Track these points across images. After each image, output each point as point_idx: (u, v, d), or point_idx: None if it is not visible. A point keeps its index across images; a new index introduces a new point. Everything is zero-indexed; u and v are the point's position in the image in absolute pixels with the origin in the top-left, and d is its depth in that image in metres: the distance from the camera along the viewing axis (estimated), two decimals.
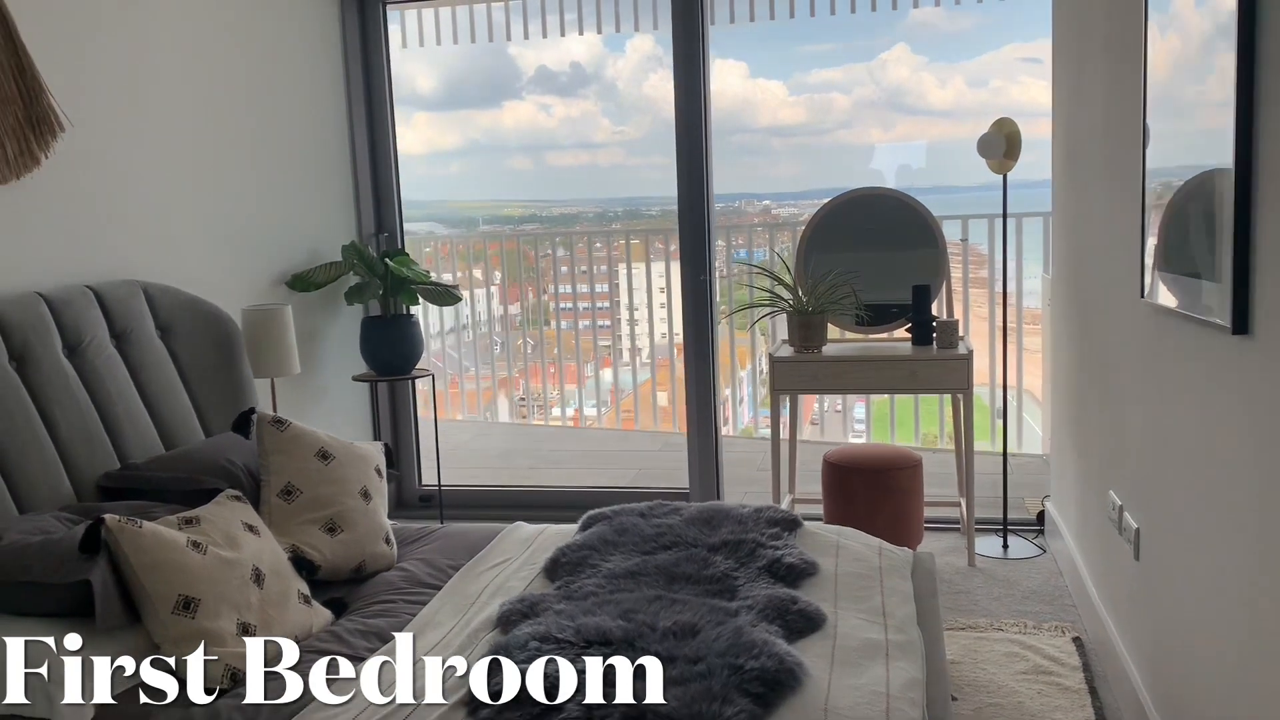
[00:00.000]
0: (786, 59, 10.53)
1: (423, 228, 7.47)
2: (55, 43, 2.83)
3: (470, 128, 8.47)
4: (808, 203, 7.68)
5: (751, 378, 6.44)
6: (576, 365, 6.39)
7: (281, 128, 3.91)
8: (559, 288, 6.40)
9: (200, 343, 3.10)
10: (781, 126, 9.71)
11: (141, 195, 3.18)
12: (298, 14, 4.04)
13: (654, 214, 7.59)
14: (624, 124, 8.68)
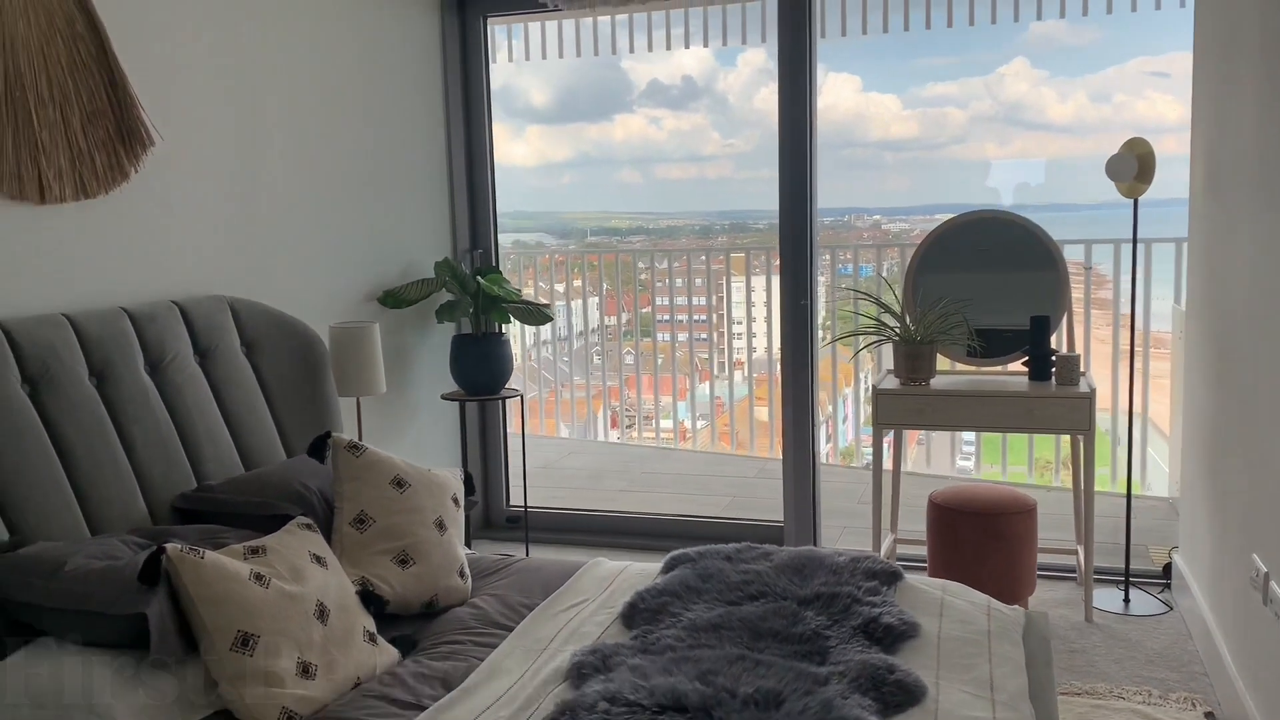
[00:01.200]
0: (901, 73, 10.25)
1: (531, 238, 7.47)
2: (147, 54, 2.82)
3: (581, 140, 8.48)
4: (919, 218, 7.41)
5: (855, 395, 6.19)
6: (673, 377, 6.26)
7: (378, 142, 3.87)
8: (662, 300, 6.29)
9: (285, 360, 3.05)
10: (894, 141, 9.46)
11: (231, 209, 3.15)
12: (397, 27, 4.00)
13: (760, 228, 7.45)
14: (733, 137, 8.56)
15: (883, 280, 4.53)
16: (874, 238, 7.39)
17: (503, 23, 4.77)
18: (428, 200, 4.22)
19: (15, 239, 2.45)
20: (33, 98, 2.45)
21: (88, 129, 2.59)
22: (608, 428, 6.67)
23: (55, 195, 2.52)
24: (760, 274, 6.06)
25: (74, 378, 2.42)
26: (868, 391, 6.26)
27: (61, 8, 2.53)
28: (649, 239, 7.93)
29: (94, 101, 2.61)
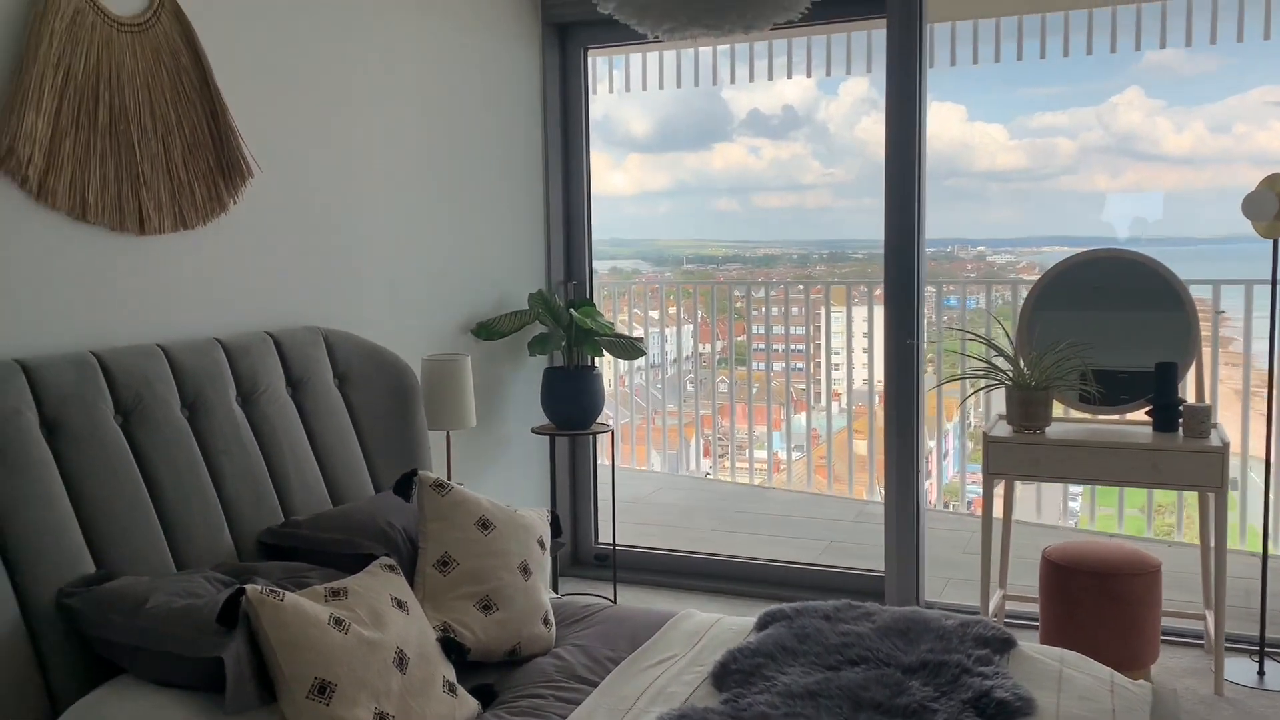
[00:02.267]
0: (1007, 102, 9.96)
1: (628, 265, 7.45)
2: (249, 87, 2.83)
3: (680, 169, 8.47)
4: (1025, 249, 7.14)
5: (959, 428, 5.95)
6: (767, 407, 6.11)
7: (476, 173, 3.85)
8: (758, 328, 6.17)
9: (377, 392, 3.02)
10: (1000, 171, 9.20)
11: (327, 240, 3.14)
12: (498, 59, 3.99)
13: (859, 257, 7.29)
14: (834, 166, 8.43)
15: (993, 318, 4.32)
16: (978, 269, 7.16)
17: (604, 54, 4.74)
18: (524, 231, 4.18)
19: (114, 269, 2.47)
20: (136, 130, 2.46)
21: (188, 161, 2.61)
22: (700, 456, 6.55)
23: (155, 226, 2.53)
24: (860, 304, 5.89)
25: (166, 409, 2.41)
26: (971, 426, 6.03)
27: (167, 41, 2.55)
28: (745, 267, 7.86)
29: (195, 134, 2.62)
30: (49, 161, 2.27)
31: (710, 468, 6.50)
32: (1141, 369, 3.36)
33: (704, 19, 2.06)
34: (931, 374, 5.13)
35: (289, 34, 2.97)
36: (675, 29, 2.12)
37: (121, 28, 2.44)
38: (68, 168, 2.31)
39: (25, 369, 2.16)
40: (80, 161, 2.34)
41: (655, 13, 2.07)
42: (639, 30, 2.18)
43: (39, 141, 2.24)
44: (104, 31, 2.39)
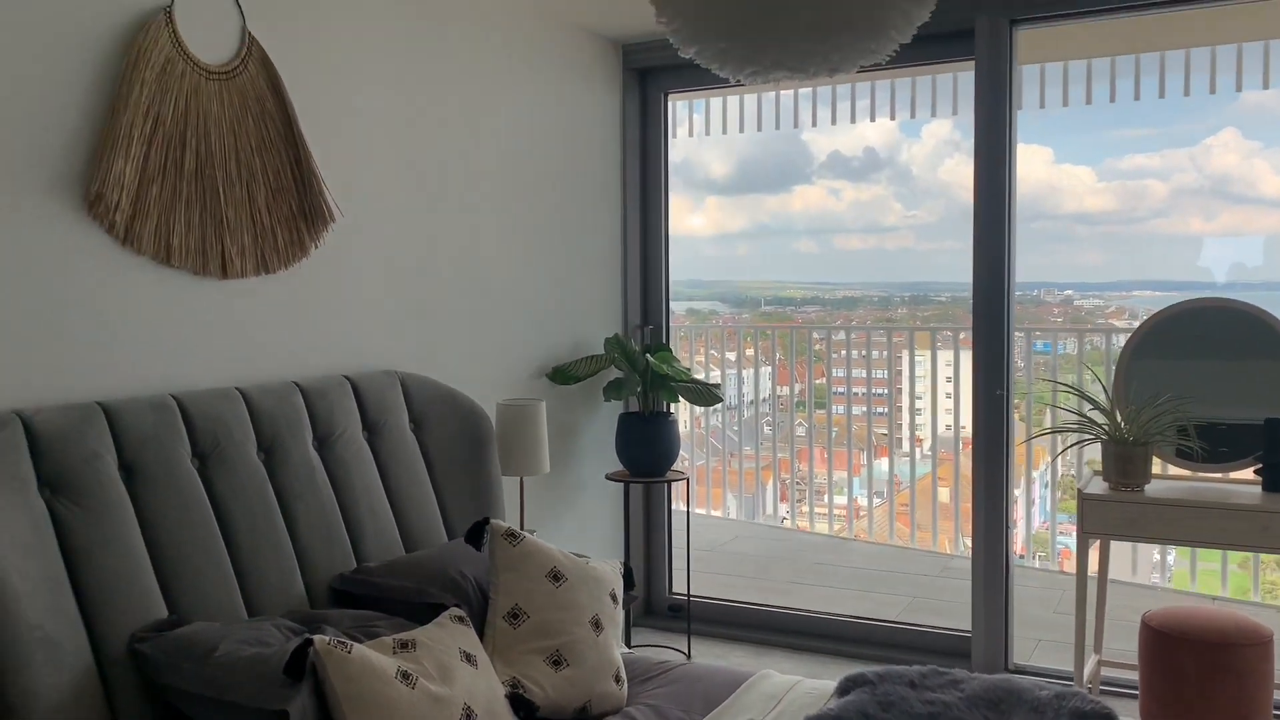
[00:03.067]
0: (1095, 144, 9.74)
1: (706, 306, 7.40)
2: (332, 132, 2.86)
3: (759, 211, 8.44)
4: (1115, 294, 6.91)
5: (1048, 477, 5.72)
6: (847, 451, 5.96)
7: (554, 216, 3.84)
8: (838, 371, 6.04)
9: (452, 437, 3.00)
10: (1088, 214, 8.97)
11: (406, 284, 3.15)
12: (579, 104, 3.99)
13: (943, 300, 7.12)
14: (916, 208, 8.32)
15: (1085, 367, 4.14)
16: (1065, 313, 6.95)
17: (684, 98, 4.73)
18: (601, 275, 4.16)
19: (196, 313, 2.49)
20: (221, 175, 2.50)
21: (271, 206, 2.63)
22: (777, 501, 6.41)
23: (237, 271, 2.55)
24: (944, 348, 5.73)
25: (243, 453, 2.41)
26: (1060, 474, 5.80)
27: (254, 88, 2.59)
28: (825, 309, 7.75)
29: (279, 179, 2.65)
30: (136, 207, 2.30)
31: (788, 513, 6.36)
32: (1248, 423, 3.18)
33: (787, 62, 2.01)
34: (1020, 420, 4.95)
35: (372, 79, 3.00)
36: (758, 73, 2.07)
37: (210, 75, 2.48)
38: (154, 213, 2.35)
39: (106, 411, 2.18)
40: (166, 207, 2.37)
41: (737, 57, 2.02)
42: (721, 74, 2.13)
43: (127, 187, 2.27)
44: (193, 79, 2.43)
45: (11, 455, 1.98)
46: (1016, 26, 3.60)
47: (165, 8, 2.38)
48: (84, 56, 2.23)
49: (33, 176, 2.14)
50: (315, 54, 2.80)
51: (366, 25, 2.98)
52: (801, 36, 1.91)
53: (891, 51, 2.07)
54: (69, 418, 2.11)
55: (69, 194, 2.21)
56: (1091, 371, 3.85)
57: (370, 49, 2.99)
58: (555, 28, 3.83)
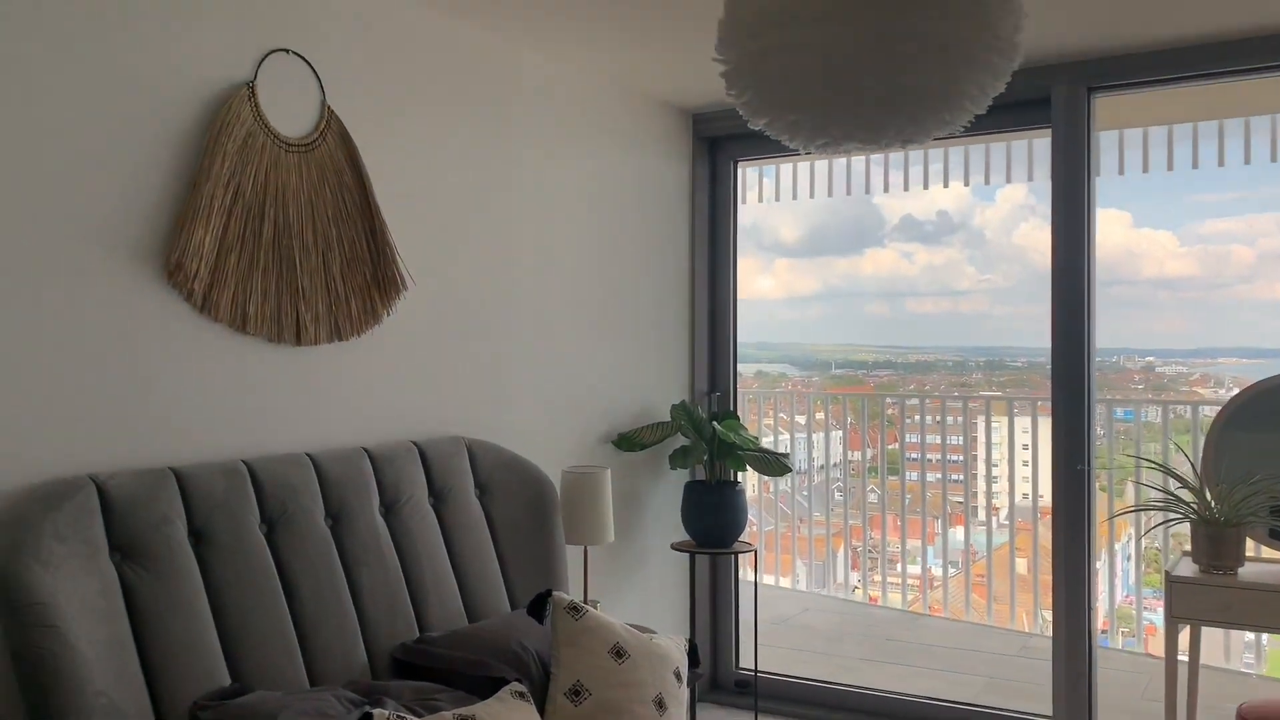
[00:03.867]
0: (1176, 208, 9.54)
1: (775, 369, 7.33)
2: (406, 201, 2.91)
3: (830, 273, 8.39)
4: (1198, 361, 6.68)
5: (1131, 549, 5.48)
6: (921, 519, 5.79)
7: (623, 283, 3.85)
8: (911, 436, 5.90)
9: (516, 504, 2.98)
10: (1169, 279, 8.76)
11: (474, 350, 3.17)
12: (648, 172, 4.02)
13: (1019, 365, 6.95)
14: (990, 272, 8.20)
15: (1172, 444, 3.99)
16: (1146, 379, 6.73)
17: (753, 165, 4.73)
18: (668, 342, 4.15)
19: (269, 379, 2.52)
20: (298, 245, 2.54)
21: (346, 275, 2.67)
22: (848, 569, 6.26)
23: (311, 338, 2.59)
24: (1022, 414, 5.58)
25: (310, 519, 2.42)
26: (1145, 547, 5.56)
27: (331, 160, 2.65)
28: (897, 373, 7.61)
29: (354, 248, 2.70)
30: (214, 276, 2.36)
31: (859, 581, 6.20)
32: None
33: (859, 134, 1.98)
34: (1101, 489, 4.77)
35: (447, 149, 3.05)
36: (829, 145, 2.05)
37: (290, 148, 2.54)
38: (231, 281, 2.40)
39: (178, 476, 2.21)
40: (244, 275, 2.42)
41: (808, 129, 2.00)
42: (791, 146, 2.11)
43: (205, 256, 2.33)
44: (273, 152, 2.50)
45: (85, 520, 2.01)
46: (1094, 94, 3.54)
47: (248, 83, 2.46)
48: (169, 129, 2.30)
49: (117, 244, 2.20)
50: (391, 125, 2.87)
51: (442, 96, 3.04)
52: (873, 109, 1.89)
53: (967, 122, 2.03)
54: (142, 483, 2.14)
55: (150, 262, 2.26)
56: (1176, 444, 3.70)
57: (445, 120, 3.05)
58: (626, 97, 3.87)
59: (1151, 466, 3.37)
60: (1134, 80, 3.45)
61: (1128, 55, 3.41)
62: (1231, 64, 3.29)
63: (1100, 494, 4.38)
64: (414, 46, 2.94)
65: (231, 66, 2.43)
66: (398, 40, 2.89)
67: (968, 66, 1.86)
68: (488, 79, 3.20)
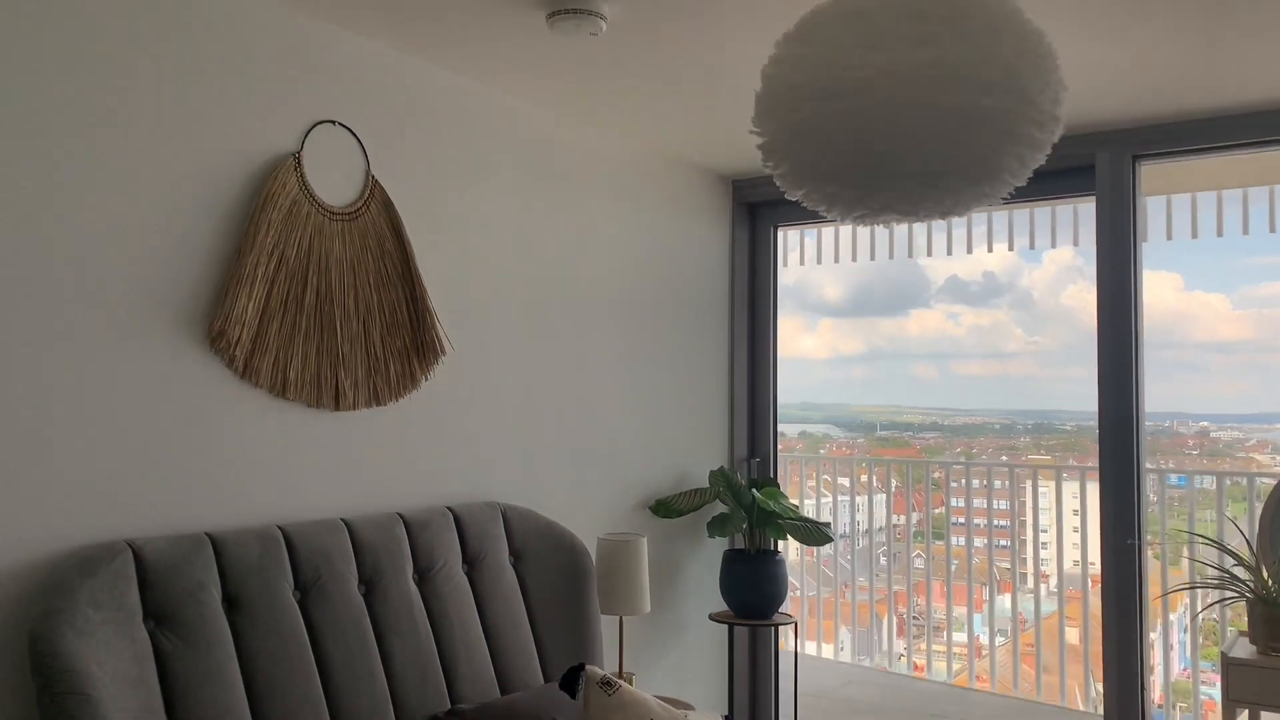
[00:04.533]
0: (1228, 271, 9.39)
1: (819, 429, 7.24)
2: (445, 267, 2.93)
3: (874, 334, 8.34)
4: (1254, 426, 6.50)
5: (1187, 623, 5.29)
6: (967, 586, 5.64)
7: (662, 348, 3.84)
8: (957, 501, 5.78)
9: (550, 572, 2.95)
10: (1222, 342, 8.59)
11: (511, 414, 3.17)
12: (688, 237, 4.03)
13: (1068, 429, 6.81)
14: (1038, 334, 8.11)
15: (1229, 519, 3.87)
16: (1200, 444, 6.57)
17: (794, 229, 4.74)
18: (708, 406, 4.12)
19: (306, 444, 2.54)
20: (339, 311, 2.57)
21: (386, 340, 2.69)
22: (893, 636, 6.11)
23: (349, 403, 2.60)
24: (1071, 480, 5.45)
25: (344, 586, 2.41)
26: (1200, 621, 5.37)
27: (374, 228, 2.68)
28: (943, 435, 7.49)
29: (394, 314, 2.72)
30: (255, 342, 2.38)
31: (904, 649, 6.05)
32: None
33: (897, 206, 1.97)
34: (1154, 557, 4.62)
35: (488, 215, 3.09)
36: (867, 216, 2.04)
37: (333, 216, 2.58)
38: (273, 347, 2.42)
39: (214, 542, 2.21)
40: (285, 341, 2.45)
41: (845, 200, 2.00)
42: (829, 216, 2.11)
43: (248, 323, 2.36)
44: (317, 220, 2.54)
45: (120, 586, 2.02)
46: (1139, 162, 3.50)
47: (294, 153, 2.51)
48: (217, 199, 2.35)
49: (161, 311, 2.24)
50: (434, 192, 2.91)
51: (483, 164, 3.08)
52: (911, 183, 1.88)
53: (1007, 194, 2.01)
54: (179, 549, 2.15)
55: (193, 328, 2.30)
56: (1231, 518, 3.59)
57: (487, 186, 3.09)
58: (665, 163, 3.90)
59: (1205, 542, 3.27)
60: (1179, 149, 3.41)
61: (1173, 124, 3.38)
62: (1277, 133, 3.25)
63: (1153, 562, 4.25)
64: (457, 116, 2.99)
65: (279, 138, 2.49)
66: (442, 110, 2.94)
67: (1007, 140, 1.85)
68: (529, 147, 3.24)
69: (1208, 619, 5.10)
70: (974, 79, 1.79)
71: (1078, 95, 3.12)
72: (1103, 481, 3.52)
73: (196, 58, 2.31)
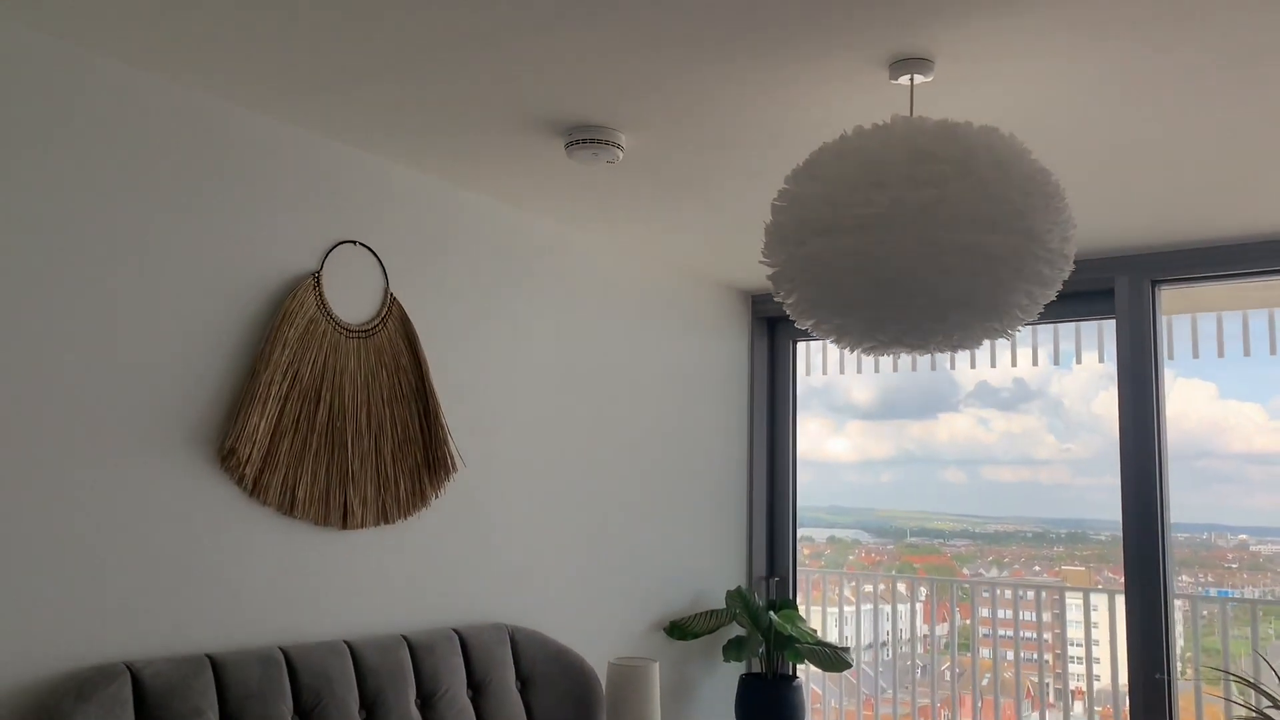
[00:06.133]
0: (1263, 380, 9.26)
1: (848, 534, 7.12)
2: (459, 383, 2.94)
3: (903, 438, 8.25)
4: None
5: None
6: (994, 699, 5.42)
7: (679, 464, 3.81)
8: (986, 611, 5.60)
9: (559, 698, 2.88)
10: (1259, 454, 8.41)
11: (522, 534, 3.13)
12: (705, 349, 4.03)
13: (1102, 539, 6.67)
14: (1070, 441, 8.00)
15: (1260, 658, 3.72)
16: (1240, 559, 6.37)
17: (817, 340, 4.74)
18: (726, 524, 4.06)
19: (313, 563, 2.51)
20: (351, 428, 2.57)
21: (397, 456, 2.69)
22: None
23: (357, 521, 2.58)
24: (1104, 591, 5.30)
25: (344, 711, 2.35)
26: None
27: (390, 344, 2.70)
28: (974, 543, 7.34)
29: (407, 430, 2.72)
30: (265, 460, 2.38)
31: None
32: None
33: (907, 340, 1.97)
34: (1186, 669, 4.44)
35: (502, 332, 3.10)
36: (876, 348, 2.03)
37: (350, 334, 2.61)
38: (282, 465, 2.42)
39: (214, 664, 2.18)
40: (295, 459, 2.45)
41: (855, 332, 2.00)
42: (839, 347, 2.10)
43: (259, 442, 2.36)
44: (333, 338, 2.56)
45: (116, 712, 1.98)
46: (1158, 286, 3.49)
47: (314, 273, 2.54)
48: (235, 316, 2.38)
49: (173, 427, 2.25)
50: (451, 308, 2.93)
51: (501, 279, 3.11)
52: (920, 317, 1.87)
53: (1017, 329, 2.00)
54: (177, 672, 2.11)
55: (205, 446, 2.30)
56: (1262, 654, 3.45)
57: (505, 304, 3.11)
58: (685, 280, 3.93)
59: (1239, 681, 3.14)
60: (1197, 275, 3.40)
61: (1191, 250, 3.38)
62: None
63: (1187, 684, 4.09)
64: (476, 234, 3.04)
65: (299, 257, 2.53)
66: (461, 228, 2.99)
67: (1016, 277, 1.85)
68: (548, 265, 3.28)
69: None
70: (981, 217, 1.79)
71: (1096, 220, 3.13)
72: (1129, 603, 3.42)
73: (219, 177, 2.37)
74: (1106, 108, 2.28)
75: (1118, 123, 2.37)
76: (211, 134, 2.36)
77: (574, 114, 2.37)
